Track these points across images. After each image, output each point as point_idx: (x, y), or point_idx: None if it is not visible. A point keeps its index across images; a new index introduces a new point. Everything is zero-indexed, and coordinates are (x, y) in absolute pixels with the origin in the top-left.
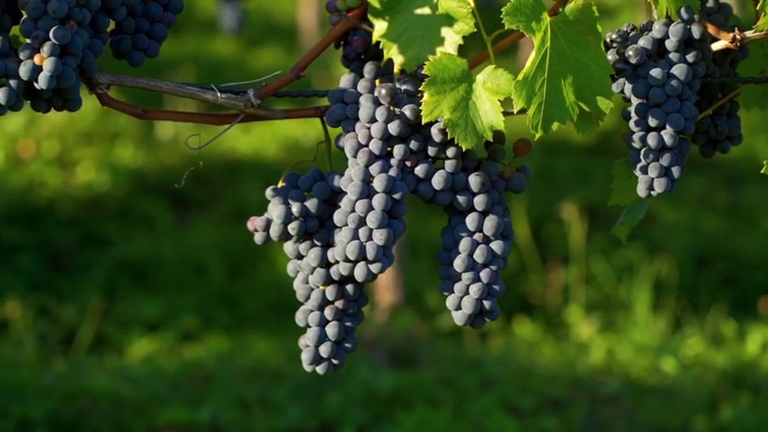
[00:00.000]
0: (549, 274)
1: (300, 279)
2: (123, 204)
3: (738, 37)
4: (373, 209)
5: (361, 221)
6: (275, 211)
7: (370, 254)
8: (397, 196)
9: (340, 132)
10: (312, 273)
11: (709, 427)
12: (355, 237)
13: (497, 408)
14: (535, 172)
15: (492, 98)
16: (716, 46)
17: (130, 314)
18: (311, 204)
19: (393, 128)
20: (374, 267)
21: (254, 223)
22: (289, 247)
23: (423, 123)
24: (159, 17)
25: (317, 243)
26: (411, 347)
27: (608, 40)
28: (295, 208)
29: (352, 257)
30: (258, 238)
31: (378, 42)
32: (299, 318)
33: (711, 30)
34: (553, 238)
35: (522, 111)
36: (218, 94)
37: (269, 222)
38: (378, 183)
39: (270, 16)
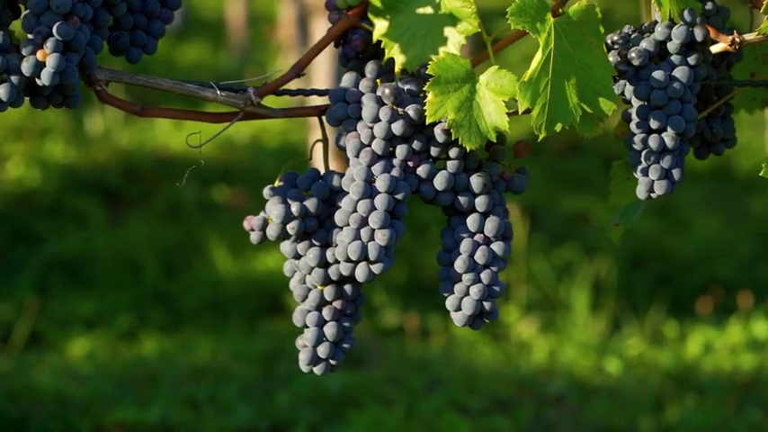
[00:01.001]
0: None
1: (297, 279)
2: (55, 201)
3: (737, 40)
4: (375, 209)
5: (364, 222)
6: (274, 210)
7: (372, 254)
8: (399, 196)
9: (341, 132)
10: (310, 273)
11: (655, 428)
12: (357, 237)
13: (446, 407)
14: None
15: (496, 99)
16: (715, 49)
17: (65, 312)
18: (310, 204)
19: (396, 128)
20: (376, 268)
21: (251, 222)
22: (286, 246)
23: (427, 124)
24: (157, 13)
25: (316, 243)
26: (360, 347)
27: (609, 41)
28: (294, 207)
29: (354, 258)
30: (254, 237)
31: (376, 41)
32: (297, 318)
33: (711, 32)
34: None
35: (527, 111)
36: (218, 92)
37: (266, 221)
38: (380, 183)
39: (195, 12)
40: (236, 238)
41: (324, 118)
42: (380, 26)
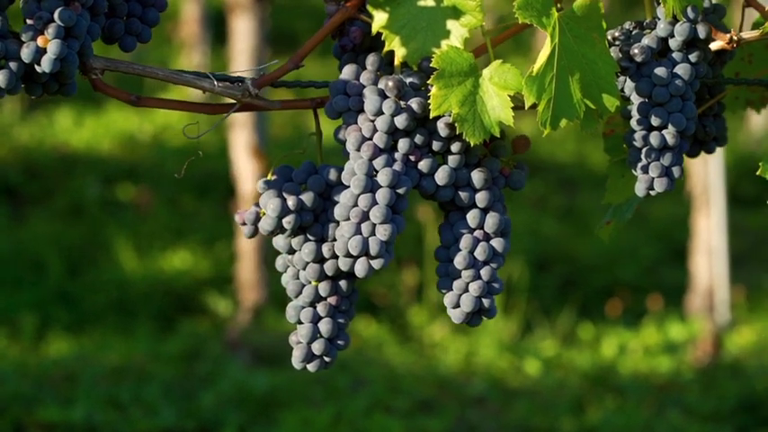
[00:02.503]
0: (403, 275)
1: (291, 274)
2: None
3: (735, 38)
4: (377, 203)
5: (365, 216)
6: (270, 204)
7: (373, 249)
8: (401, 191)
9: (339, 125)
10: (305, 268)
11: (578, 428)
12: (358, 232)
13: (373, 408)
14: None
15: (500, 93)
16: (713, 46)
17: None
18: (307, 198)
19: (400, 121)
20: (376, 263)
21: (243, 216)
22: (280, 241)
23: (431, 117)
24: (152, 1)
25: (311, 238)
26: (277, 347)
27: (610, 37)
28: (291, 201)
29: (354, 253)
30: (246, 231)
31: (372, 34)
32: (291, 314)
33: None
34: (408, 239)
35: (533, 107)
36: (215, 83)
37: (258, 215)
38: (382, 177)
39: None
40: (142, 238)
41: (318, 111)
42: (380, 18)
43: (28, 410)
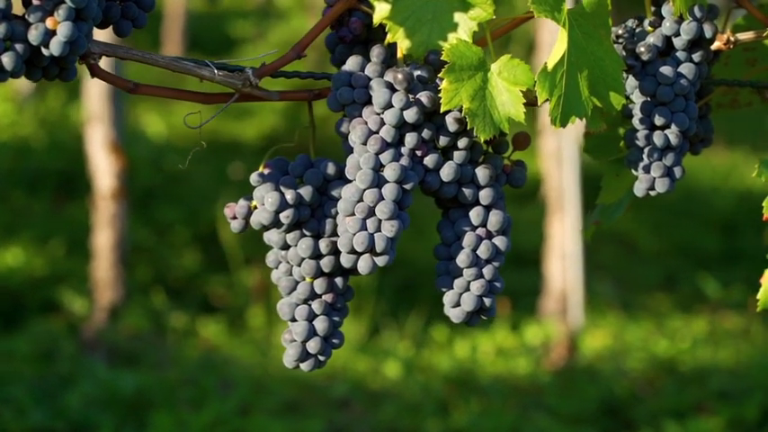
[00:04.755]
0: (242, 276)
1: (283, 270)
2: None
3: (732, 39)
4: (384, 199)
5: (371, 211)
6: (269, 197)
7: (378, 246)
8: (407, 187)
9: (340, 117)
10: (300, 264)
11: (444, 430)
12: (363, 227)
13: (245, 410)
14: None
15: (511, 89)
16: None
17: None
18: (305, 192)
19: (409, 115)
20: (380, 260)
21: (233, 210)
22: (274, 236)
23: (441, 111)
24: None
25: (307, 233)
26: (134, 347)
27: (614, 35)
28: (289, 195)
29: (359, 249)
30: (236, 225)
31: (369, 26)
32: (285, 311)
33: None
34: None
35: (546, 102)
36: (215, 71)
37: (250, 209)
38: (390, 172)
39: None
40: None
41: (313, 103)
42: (381, 9)
43: None
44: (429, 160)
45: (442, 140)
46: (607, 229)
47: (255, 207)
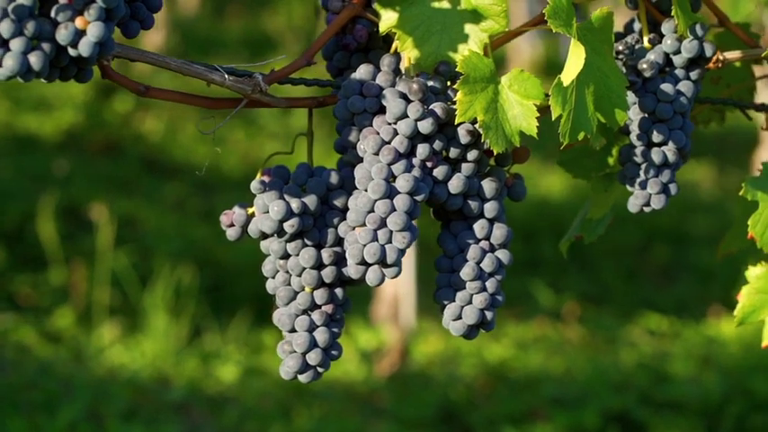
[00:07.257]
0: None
1: (281, 280)
2: None
3: (721, 58)
4: (396, 210)
5: (382, 222)
6: (274, 206)
7: (390, 257)
8: (419, 198)
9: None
10: (300, 274)
11: None
12: (374, 238)
13: (93, 414)
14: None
15: (523, 102)
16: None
17: None
18: (310, 201)
19: (424, 126)
20: (390, 272)
21: (231, 217)
22: (274, 245)
23: (455, 123)
24: None
25: (309, 243)
26: None
27: (613, 51)
28: (295, 204)
29: (371, 260)
30: (232, 233)
31: (381, 34)
32: (285, 322)
33: None
34: (80, 237)
35: (559, 118)
36: (226, 76)
37: (248, 218)
38: (402, 183)
39: None
40: None
41: (314, 110)
42: (388, 18)
43: None
44: (438, 172)
45: (453, 152)
46: (431, 234)
47: (253, 214)
